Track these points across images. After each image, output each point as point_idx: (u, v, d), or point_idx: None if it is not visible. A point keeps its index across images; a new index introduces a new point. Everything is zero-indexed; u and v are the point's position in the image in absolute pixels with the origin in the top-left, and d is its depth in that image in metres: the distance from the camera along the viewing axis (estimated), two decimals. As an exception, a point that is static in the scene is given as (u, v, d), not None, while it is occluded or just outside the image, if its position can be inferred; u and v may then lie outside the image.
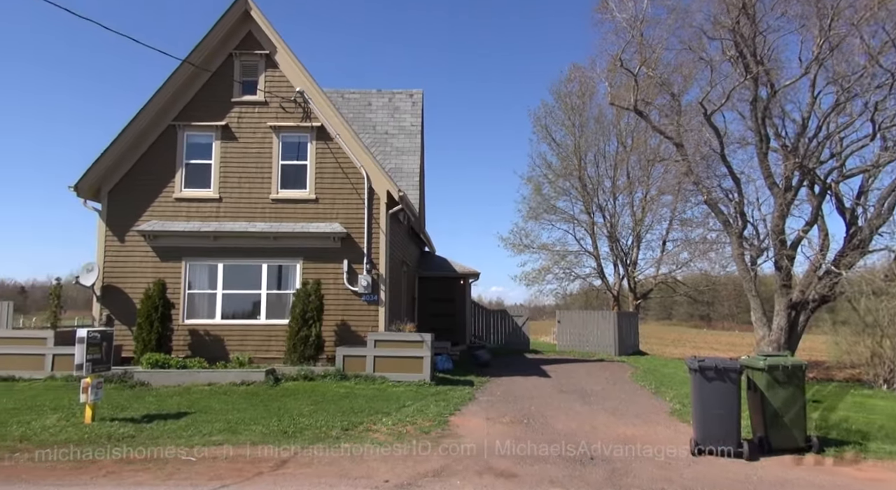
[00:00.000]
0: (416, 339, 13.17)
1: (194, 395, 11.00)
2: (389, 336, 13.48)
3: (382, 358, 13.00)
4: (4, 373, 12.89)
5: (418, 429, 8.57)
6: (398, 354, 13.02)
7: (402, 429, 8.56)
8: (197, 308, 14.57)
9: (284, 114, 15.07)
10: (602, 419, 9.72)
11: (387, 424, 8.77)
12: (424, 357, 12.95)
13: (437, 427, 8.71)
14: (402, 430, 8.46)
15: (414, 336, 13.33)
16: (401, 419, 9.12)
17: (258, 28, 15.04)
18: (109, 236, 14.69)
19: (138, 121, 14.65)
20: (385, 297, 14.50)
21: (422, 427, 8.67)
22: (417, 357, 12.97)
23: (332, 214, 14.79)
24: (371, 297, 14.43)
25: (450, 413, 9.78)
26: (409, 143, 20.63)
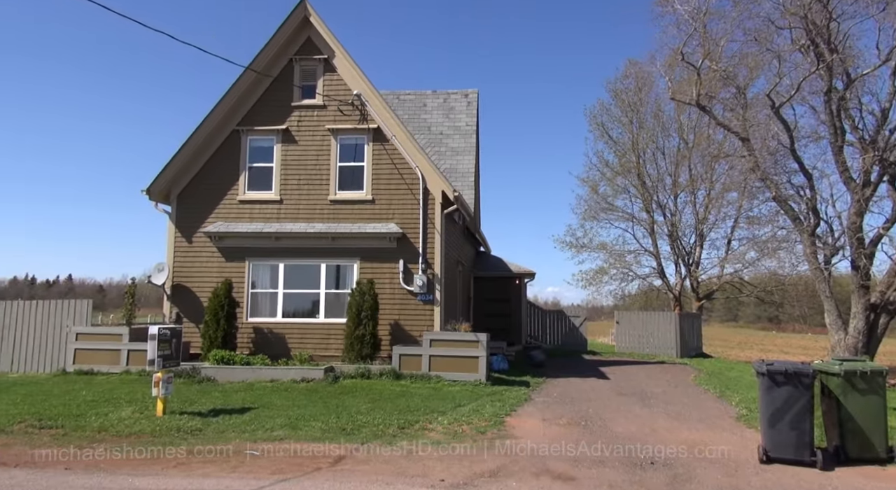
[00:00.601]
0: (472, 339, 13.16)
1: (257, 391, 11.36)
2: (445, 336, 13.53)
3: (438, 357, 13.06)
4: (85, 367, 13.71)
5: (474, 429, 8.55)
6: (453, 354, 13.04)
7: (458, 428, 8.57)
8: (259, 307, 15.06)
9: (342, 116, 15.37)
10: (663, 423, 9.43)
11: (442, 423, 8.80)
12: (480, 357, 12.93)
13: (492, 427, 8.68)
14: (458, 430, 8.47)
15: (469, 336, 13.32)
16: (456, 419, 9.12)
17: (317, 33, 15.40)
18: (178, 237, 15.38)
19: (204, 126, 15.27)
20: (440, 297, 14.56)
21: (477, 427, 8.65)
22: (473, 357, 12.96)
23: (388, 215, 14.97)
24: (426, 297, 14.52)
25: (506, 413, 9.72)
26: (464, 143, 20.64)
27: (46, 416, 9.00)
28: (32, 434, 8.10)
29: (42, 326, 14.95)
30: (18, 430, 8.26)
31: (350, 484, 6.10)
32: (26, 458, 7.02)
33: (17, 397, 10.62)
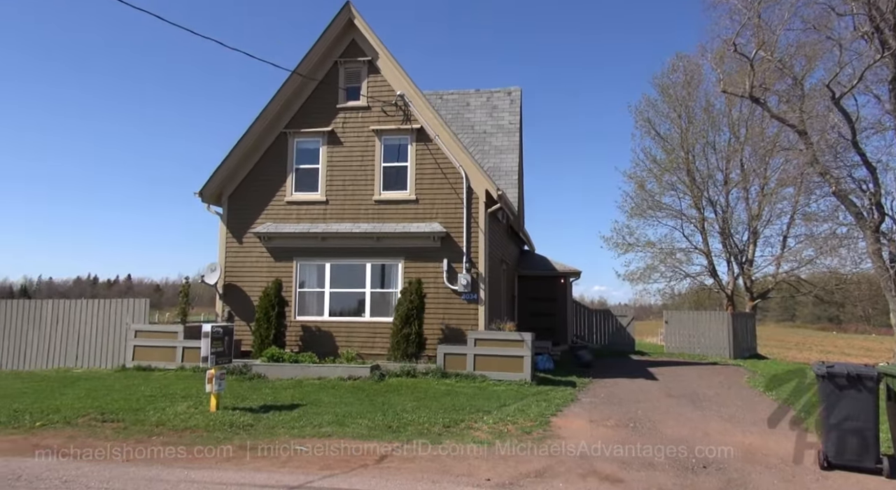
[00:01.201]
0: (516, 339, 13.08)
1: (305, 388, 11.59)
2: (489, 335, 13.49)
3: (482, 356, 13.03)
4: (143, 363, 14.27)
5: (519, 428, 8.50)
6: (498, 353, 12.99)
7: (503, 428, 8.53)
8: (307, 305, 15.36)
9: (386, 117, 15.51)
10: (716, 425, 9.15)
11: (488, 423, 8.77)
12: (525, 356, 12.84)
13: (538, 427, 8.60)
14: (503, 429, 8.43)
15: (514, 335, 13.25)
16: (502, 418, 9.08)
17: (361, 36, 15.59)
18: (229, 238, 15.84)
19: (253, 130, 15.68)
20: (484, 296, 14.53)
21: (523, 427, 8.59)
22: (517, 356, 12.88)
23: (432, 214, 15.03)
24: (470, 296, 14.51)
25: (551, 414, 9.62)
26: (508, 142, 20.53)
27: (108, 409, 9.41)
28: (96, 427, 8.48)
29: (103, 324, 15.65)
30: (83, 423, 8.66)
31: (396, 481, 6.15)
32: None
33: (81, 392, 11.14)
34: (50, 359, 15.66)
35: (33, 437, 7.98)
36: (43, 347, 15.75)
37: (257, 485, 5.99)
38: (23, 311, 16.06)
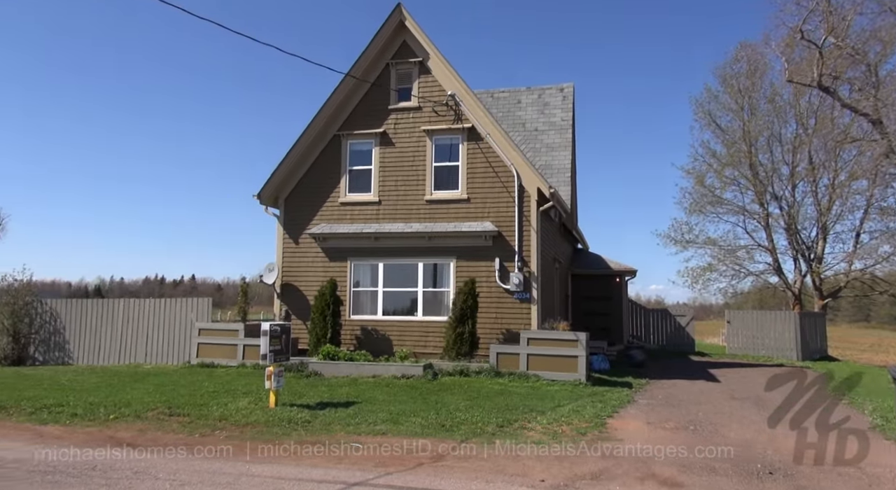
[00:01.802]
0: (570, 338, 12.89)
1: (360, 386, 11.78)
2: (542, 334, 13.35)
3: (536, 356, 12.91)
4: (207, 360, 14.84)
5: (574, 429, 8.37)
6: (552, 353, 12.84)
7: (558, 428, 8.41)
8: (361, 305, 15.60)
9: (437, 117, 15.58)
10: (783, 430, 8.75)
11: (542, 423, 8.68)
12: (579, 356, 12.64)
13: (593, 428, 8.45)
14: (558, 430, 8.32)
15: (568, 335, 13.06)
16: (556, 419, 8.97)
17: (412, 37, 15.71)
18: (286, 239, 16.27)
19: (307, 133, 16.04)
20: (537, 295, 14.39)
21: (578, 428, 8.46)
22: (572, 356, 12.69)
23: (484, 213, 14.99)
24: (523, 295, 14.39)
25: (607, 415, 9.43)
26: (560, 139, 20.26)
27: (175, 404, 9.82)
28: (163, 420, 8.87)
29: (169, 322, 16.36)
30: (151, 417, 9.07)
31: (450, 480, 6.16)
32: (158, 442, 7.71)
33: (150, 387, 11.68)
34: (122, 355, 16.48)
35: (107, 429, 8.42)
36: (115, 344, 16.60)
37: (315, 480, 6.12)
38: (97, 310, 16.96)
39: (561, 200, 16.01)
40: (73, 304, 17.42)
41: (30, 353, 16.85)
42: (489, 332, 14.37)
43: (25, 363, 16.54)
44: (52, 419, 8.96)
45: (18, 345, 16.69)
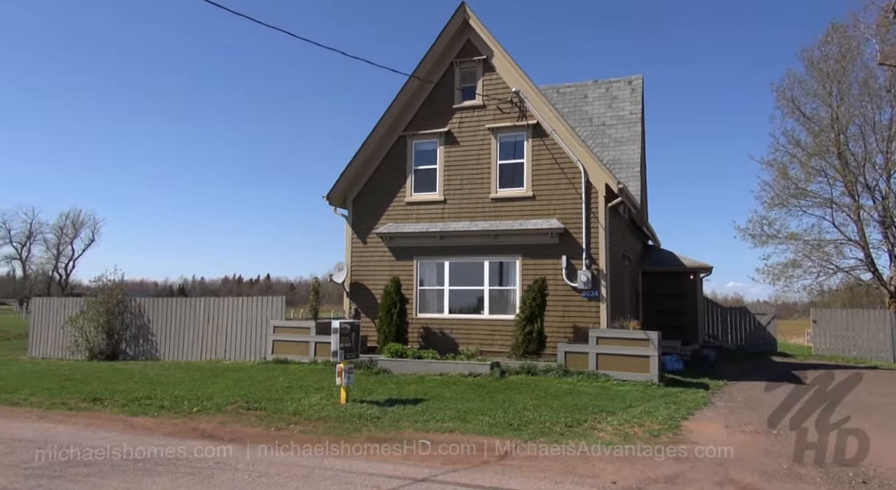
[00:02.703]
0: (641, 337, 12.52)
1: (428, 383, 11.89)
2: (612, 333, 13.04)
3: (605, 355, 12.63)
4: (281, 356, 15.39)
5: (646, 431, 8.13)
6: (622, 352, 12.52)
7: (629, 430, 8.20)
8: (427, 303, 15.75)
9: (501, 115, 15.50)
10: (880, 436, 8.16)
11: (612, 424, 8.48)
12: (651, 356, 12.26)
13: (667, 431, 8.17)
14: (629, 431, 8.10)
15: (639, 334, 12.69)
16: (627, 420, 8.74)
17: (476, 35, 15.72)
18: (354, 239, 16.65)
19: (374, 135, 16.35)
20: (606, 293, 14.07)
21: (650, 429, 8.20)
22: (643, 356, 12.33)
23: (550, 210, 14.80)
24: (591, 293, 14.11)
25: (682, 417, 9.10)
26: (628, 133, 19.71)
27: (252, 398, 10.25)
28: (242, 414, 9.28)
29: (246, 320, 17.08)
30: (231, 410, 9.51)
31: (518, 479, 6.12)
32: (237, 434, 8.07)
33: (229, 382, 12.24)
34: (203, 350, 17.35)
35: (191, 421, 8.89)
36: (197, 340, 17.50)
37: (385, 475, 6.23)
38: (181, 308, 17.94)
39: (630, 196, 15.58)
40: (160, 302, 18.50)
41: (122, 348, 18.02)
42: (556, 331, 14.17)
43: (118, 358, 17.70)
44: (141, 411, 9.56)
45: (112, 340, 17.88)
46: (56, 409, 9.89)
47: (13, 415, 9.48)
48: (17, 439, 7.79)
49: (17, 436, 7.98)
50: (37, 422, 8.94)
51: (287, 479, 6.06)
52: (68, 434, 8.11)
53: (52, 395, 10.97)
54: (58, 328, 18.52)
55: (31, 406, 10.13)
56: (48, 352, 18.57)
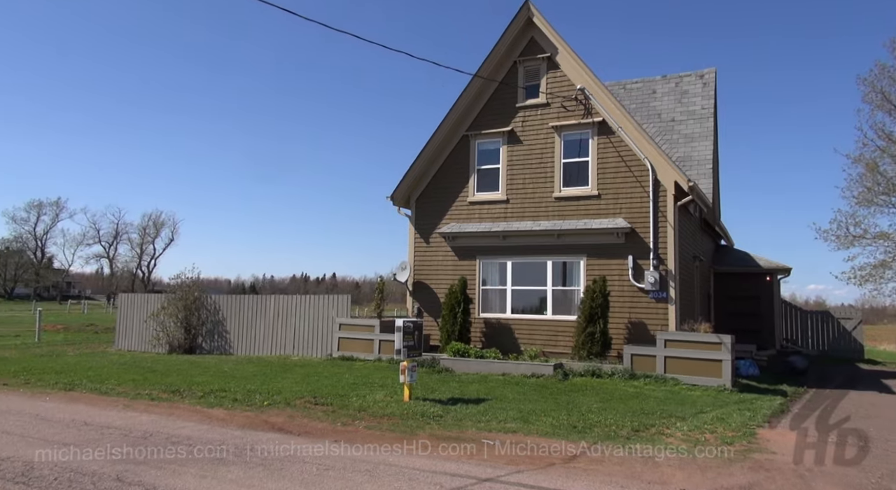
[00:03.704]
0: (713, 341, 12.04)
1: (490, 383, 11.87)
2: (681, 336, 12.60)
3: (674, 359, 12.22)
4: (346, 353, 15.75)
5: (719, 438, 7.80)
6: (692, 356, 12.08)
7: (700, 436, 7.89)
8: (490, 302, 15.72)
9: (565, 113, 15.28)
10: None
11: (681, 429, 8.19)
12: (723, 360, 11.76)
13: (741, 438, 7.82)
14: (700, 438, 7.81)
15: (710, 337, 12.21)
16: (697, 426, 8.42)
17: (540, 33, 15.56)
18: (417, 238, 16.83)
19: (437, 135, 16.47)
20: (675, 294, 13.61)
21: (723, 436, 7.87)
22: (715, 360, 11.85)
23: (616, 209, 14.46)
24: (659, 294, 13.69)
25: (757, 424, 8.69)
26: (700, 129, 18.99)
27: (319, 394, 10.54)
28: (309, 408, 9.56)
29: (313, 317, 17.56)
30: (299, 405, 9.81)
31: (583, 482, 6.01)
32: (305, 428, 8.32)
33: (297, 377, 12.64)
34: (273, 346, 17.99)
35: (262, 414, 9.24)
36: (267, 336, 18.15)
37: (448, 473, 6.26)
38: (252, 305, 18.66)
39: (701, 194, 15.02)
40: (233, 299, 19.31)
41: (198, 342, 18.93)
42: (622, 333, 13.84)
43: (195, 352, 18.60)
44: (217, 403, 10.01)
45: (189, 335, 18.81)
46: (140, 399, 10.51)
47: (102, 403, 10.14)
48: (107, 426, 8.32)
49: (107, 423, 8.53)
50: (123, 410, 9.53)
51: (352, 474, 6.19)
52: (151, 422, 8.60)
53: (136, 385, 11.65)
54: (141, 322, 19.65)
55: (117, 395, 10.81)
56: (132, 345, 19.73)
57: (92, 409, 9.63)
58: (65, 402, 10.16)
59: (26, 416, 8.93)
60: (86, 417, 8.90)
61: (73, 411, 9.37)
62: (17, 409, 9.56)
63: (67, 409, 9.60)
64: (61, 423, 8.47)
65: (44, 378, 12.48)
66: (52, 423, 8.52)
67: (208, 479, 5.99)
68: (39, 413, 9.21)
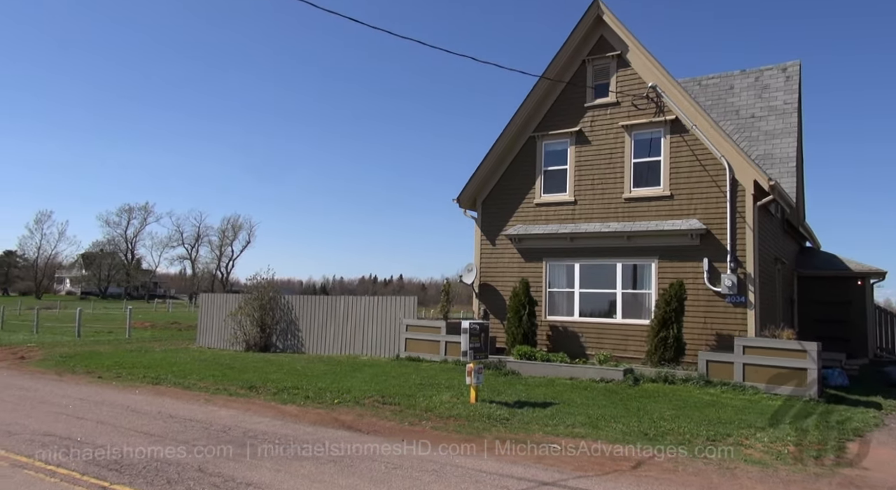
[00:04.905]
0: (796, 348, 11.37)
1: (557, 387, 11.70)
2: (761, 342, 11.98)
3: (753, 366, 11.63)
4: (413, 354, 15.93)
5: (803, 451, 7.36)
6: (773, 364, 11.46)
7: (782, 448, 7.48)
8: (557, 305, 15.50)
9: (636, 111, 14.88)
10: None
11: (762, 440, 7.79)
12: (808, 369, 11.09)
13: (829, 452, 7.34)
14: (783, 450, 7.39)
15: (793, 344, 11.54)
16: (779, 437, 7.98)
17: (610, 31, 15.24)
18: (483, 240, 16.82)
19: (503, 137, 16.42)
20: (754, 299, 12.96)
21: (808, 449, 7.42)
22: (798, 368, 11.19)
23: (689, 210, 13.94)
24: (737, 299, 13.07)
25: (847, 438, 8.14)
26: (782, 125, 18.01)
27: (387, 394, 10.72)
28: (378, 408, 9.74)
29: (381, 318, 17.88)
30: (368, 404, 10.02)
31: (654, 492, 5.82)
32: (374, 427, 8.48)
33: (366, 376, 12.90)
34: (342, 346, 18.44)
35: (333, 411, 9.49)
36: (337, 336, 18.63)
37: (514, 476, 6.22)
38: (323, 306, 19.21)
39: (783, 193, 14.26)
40: (304, 299, 19.94)
41: (272, 341, 19.67)
42: (696, 338, 13.31)
43: (269, 350, 19.34)
44: (290, 400, 10.37)
45: (264, 334, 19.57)
46: (219, 394, 11.03)
47: (185, 397, 10.72)
48: (189, 419, 8.79)
49: (189, 416, 9.01)
50: (204, 405, 10.03)
51: (420, 473, 6.26)
52: (229, 417, 9.01)
53: (215, 381, 12.25)
54: (220, 321, 20.62)
55: (198, 390, 11.39)
56: (212, 342, 20.74)
57: (176, 402, 10.20)
58: (152, 396, 10.82)
59: (118, 408, 9.57)
60: (171, 410, 9.44)
61: (160, 404, 9.95)
62: (110, 400, 10.25)
63: (154, 401, 10.21)
64: (149, 415, 9.02)
65: (133, 372, 13.33)
66: (140, 414, 9.09)
67: (282, 473, 6.21)
68: (130, 405, 9.85)
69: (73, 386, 11.80)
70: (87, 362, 14.93)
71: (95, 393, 10.97)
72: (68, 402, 9.94)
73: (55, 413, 9.07)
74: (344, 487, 5.78)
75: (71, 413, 9.09)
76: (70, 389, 11.33)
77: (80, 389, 11.36)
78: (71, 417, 8.75)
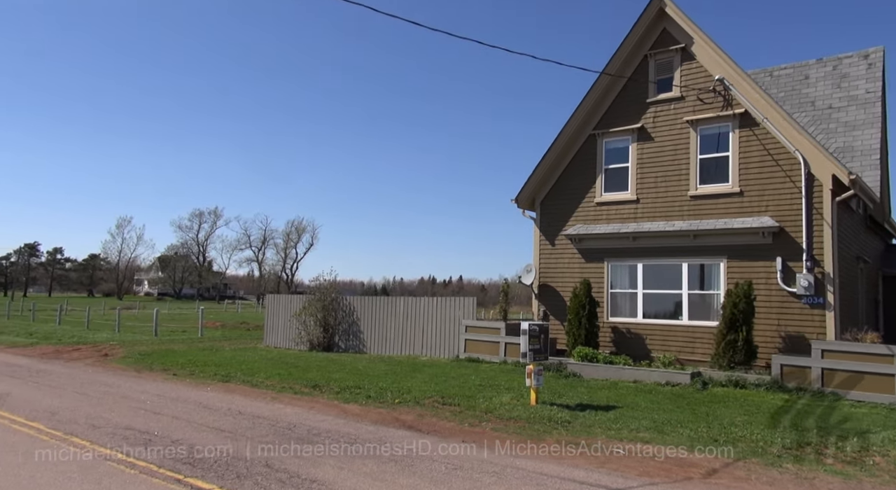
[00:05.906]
0: (882, 352, 10.65)
1: (620, 390, 11.41)
2: (842, 346, 11.29)
3: (833, 371, 10.98)
4: (473, 355, 15.92)
5: (892, 462, 6.88)
6: (856, 369, 10.78)
7: (868, 459, 7.01)
8: (619, 306, 15.12)
9: (702, 106, 14.35)
10: None
11: (844, 450, 7.33)
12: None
13: (920, 466, 6.82)
14: (868, 461, 6.93)
15: (878, 348, 10.82)
16: (864, 447, 7.48)
17: (673, 23, 14.78)
18: (542, 240, 16.62)
19: (562, 136, 16.18)
20: (833, 300, 12.24)
21: (896, 462, 6.93)
22: (885, 374, 10.49)
23: (760, 207, 13.31)
24: (814, 300, 12.38)
25: (941, 451, 7.54)
26: (864, 115, 16.93)
27: (447, 394, 10.75)
28: (438, 408, 9.78)
29: (440, 318, 17.96)
30: (428, 404, 10.07)
31: (725, 501, 5.58)
32: (434, 427, 8.52)
33: (426, 377, 12.98)
34: (402, 346, 18.64)
35: (393, 411, 9.60)
36: (397, 336, 18.85)
37: (576, 480, 6.10)
38: (383, 306, 19.48)
39: (865, 188, 13.41)
40: (366, 300, 20.28)
41: (335, 341, 20.11)
42: (769, 341, 12.70)
43: (332, 350, 19.78)
44: (352, 399, 10.56)
45: (327, 334, 20.04)
46: (285, 392, 11.37)
47: (253, 395, 11.11)
48: (257, 416, 9.10)
49: (257, 413, 9.33)
50: (270, 402, 10.36)
51: (480, 475, 6.23)
52: (294, 414, 9.26)
53: (281, 379, 12.63)
54: (285, 321, 21.26)
55: (265, 388, 11.78)
56: (278, 341, 21.40)
57: (245, 399, 10.57)
58: (222, 393, 11.26)
59: (191, 404, 10.01)
60: (240, 407, 9.80)
61: (230, 401, 10.35)
62: (184, 397, 10.74)
63: (225, 398, 10.63)
64: (219, 412, 9.40)
65: (205, 370, 13.92)
66: (212, 411, 9.48)
67: (345, 470, 6.33)
68: (202, 401, 10.29)
69: (150, 382, 12.44)
70: (164, 360, 15.71)
71: (171, 389, 11.52)
72: (146, 398, 10.48)
73: (134, 408, 9.58)
74: (404, 487, 5.82)
75: (149, 408, 9.58)
76: (148, 385, 11.96)
77: (157, 386, 11.96)
78: (149, 412, 9.22)
